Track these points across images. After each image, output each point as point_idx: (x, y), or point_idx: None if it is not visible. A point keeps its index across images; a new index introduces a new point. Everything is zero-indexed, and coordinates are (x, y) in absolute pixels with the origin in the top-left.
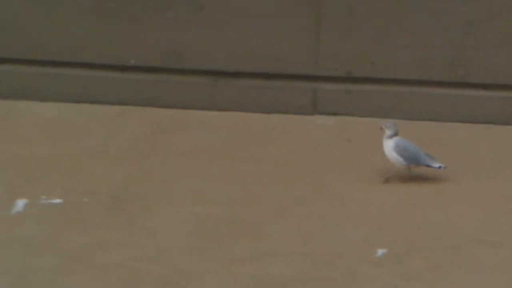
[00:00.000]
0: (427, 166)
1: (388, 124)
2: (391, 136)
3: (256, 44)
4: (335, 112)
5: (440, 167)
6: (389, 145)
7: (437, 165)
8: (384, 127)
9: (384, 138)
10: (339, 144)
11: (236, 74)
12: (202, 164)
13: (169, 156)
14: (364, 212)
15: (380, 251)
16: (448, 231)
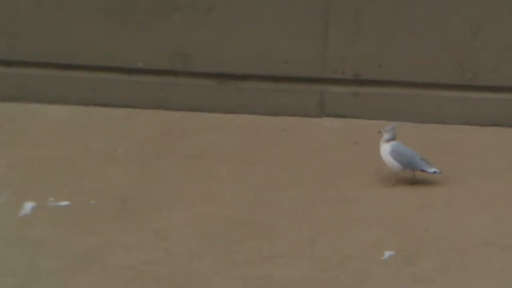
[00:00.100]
0: (422, 171)
1: (386, 128)
2: (388, 140)
3: (264, 46)
4: (343, 115)
5: (435, 172)
6: (385, 149)
7: (432, 170)
8: (382, 130)
9: (381, 142)
10: (347, 146)
11: (244, 77)
12: (210, 166)
13: (177, 159)
14: (372, 214)
15: (387, 253)
16: (456, 233)
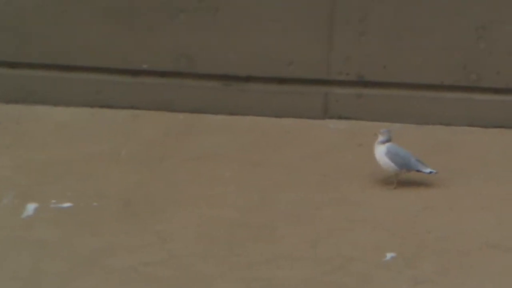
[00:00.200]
0: (418, 171)
1: (382, 130)
2: (383, 142)
3: (268, 48)
4: (347, 116)
5: (431, 172)
6: (380, 150)
7: (427, 170)
8: (378, 132)
9: (376, 144)
10: (351, 148)
11: (248, 79)
12: (214, 168)
13: (181, 161)
14: (375, 216)
15: (389, 255)
16: (459, 235)
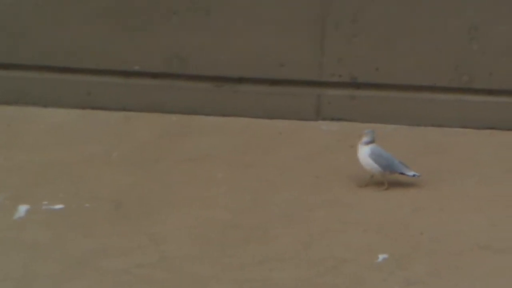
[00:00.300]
0: (401, 173)
1: (365, 131)
2: (367, 143)
3: (260, 50)
4: (339, 118)
5: (414, 175)
6: (364, 151)
7: (411, 173)
8: (362, 133)
9: (360, 145)
10: (343, 149)
11: (240, 80)
12: (207, 170)
13: (173, 162)
14: (368, 217)
15: (381, 257)
16: (450, 237)
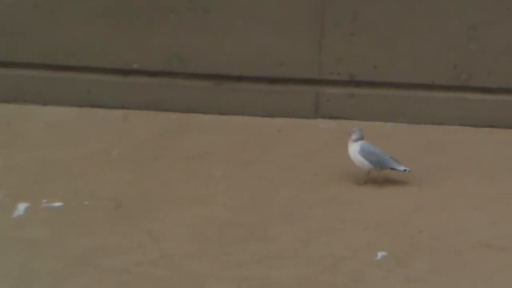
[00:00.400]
0: (392, 169)
1: (354, 128)
2: (356, 140)
3: (259, 48)
4: (338, 116)
5: (405, 170)
6: (354, 148)
7: (402, 168)
8: (350, 131)
9: (350, 142)
10: (342, 147)
11: (239, 78)
12: (206, 168)
13: (172, 160)
14: (367, 215)
15: (381, 254)
16: (451, 234)
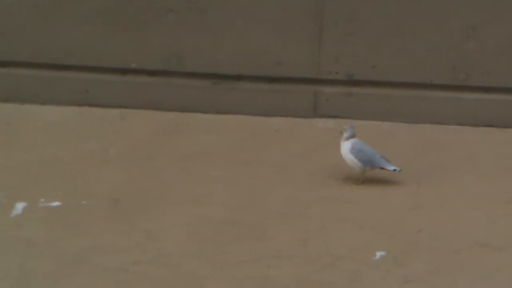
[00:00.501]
0: (382, 168)
1: (345, 126)
2: (347, 138)
3: (257, 47)
4: (336, 115)
5: (395, 170)
6: (345, 147)
7: (392, 168)
8: (342, 129)
9: (342, 140)
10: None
11: (237, 78)
12: (203, 167)
13: (169, 159)
14: (365, 214)
15: (379, 254)
16: (449, 234)
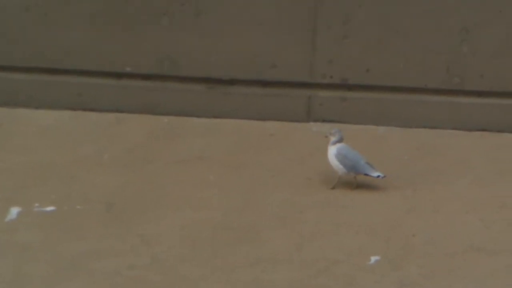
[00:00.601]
0: (366, 175)
1: (332, 130)
2: (334, 143)
3: (252, 51)
4: (330, 119)
5: (378, 176)
6: (331, 152)
7: (375, 174)
8: (328, 133)
9: (329, 145)
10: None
11: (231, 81)
12: (198, 171)
13: (164, 163)
14: (360, 219)
15: (374, 258)
16: (444, 238)
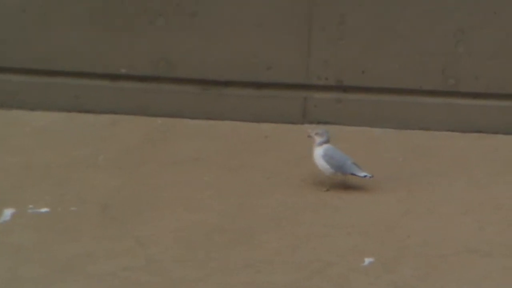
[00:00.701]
0: (352, 175)
1: (319, 131)
2: (321, 144)
3: (247, 53)
4: (326, 121)
5: (365, 176)
6: (318, 152)
7: (362, 174)
8: (314, 134)
9: (315, 146)
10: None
11: (227, 83)
12: (193, 173)
13: (159, 165)
14: (354, 220)
15: (368, 260)
16: (438, 240)
